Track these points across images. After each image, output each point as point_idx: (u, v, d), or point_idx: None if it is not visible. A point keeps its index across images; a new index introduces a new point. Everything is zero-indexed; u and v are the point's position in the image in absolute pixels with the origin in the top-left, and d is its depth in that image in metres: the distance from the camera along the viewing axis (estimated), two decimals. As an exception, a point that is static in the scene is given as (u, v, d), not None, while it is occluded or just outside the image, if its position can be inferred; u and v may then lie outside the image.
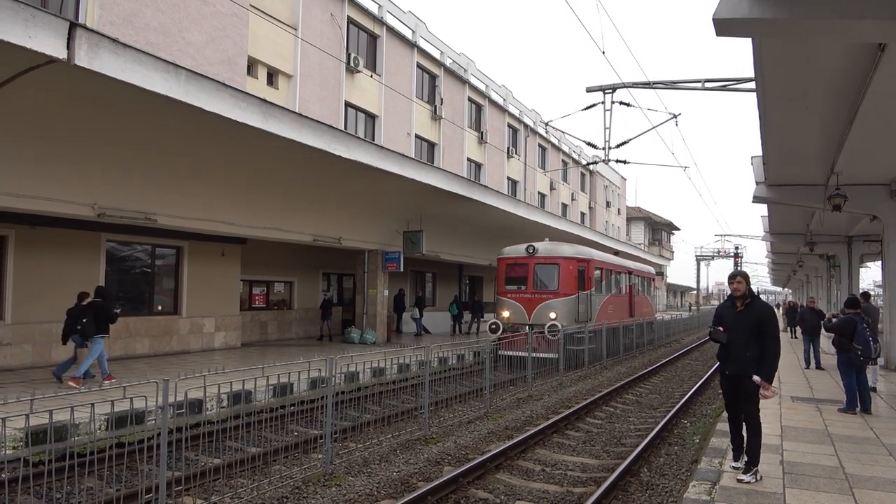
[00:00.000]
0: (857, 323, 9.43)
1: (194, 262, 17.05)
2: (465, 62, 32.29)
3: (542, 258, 18.69)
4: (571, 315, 18.26)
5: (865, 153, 12.34)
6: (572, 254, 19.04)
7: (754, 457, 6.06)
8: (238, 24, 18.30)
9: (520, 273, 18.82)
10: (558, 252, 18.91)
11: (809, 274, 43.56)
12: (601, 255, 21.54)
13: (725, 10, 6.43)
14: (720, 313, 6.41)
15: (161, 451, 5.87)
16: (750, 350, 6.02)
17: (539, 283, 18.61)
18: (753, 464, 6.04)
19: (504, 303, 18.88)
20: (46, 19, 7.54)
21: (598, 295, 20.27)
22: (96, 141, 11.06)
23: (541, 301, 18.22)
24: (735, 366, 6.15)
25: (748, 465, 6.06)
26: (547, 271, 18.65)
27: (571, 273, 18.58)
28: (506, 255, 19.44)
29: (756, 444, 6.08)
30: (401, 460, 8.29)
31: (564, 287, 18.39)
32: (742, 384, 6.08)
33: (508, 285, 18.98)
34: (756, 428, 6.08)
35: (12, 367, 12.86)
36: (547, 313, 17.84)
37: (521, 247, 18.92)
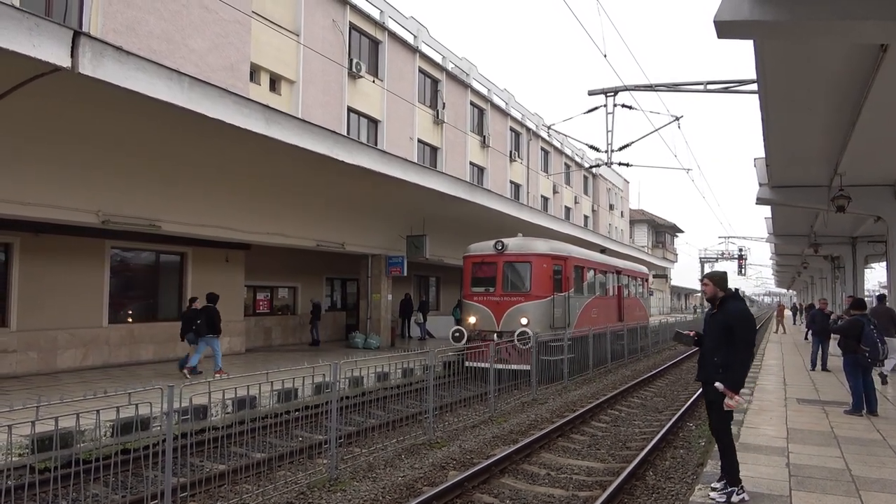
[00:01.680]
0: (865, 324, 9.32)
1: (198, 268, 17.09)
2: (467, 66, 32.35)
3: (512, 255, 16.56)
4: (546, 320, 16.13)
5: (869, 154, 12.31)
6: (547, 250, 16.86)
7: (727, 474, 5.54)
8: (240, 31, 18.37)
9: (487, 273, 16.74)
10: (530, 248, 16.75)
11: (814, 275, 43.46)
12: (583, 252, 19.52)
13: (727, 12, 6.44)
14: (704, 317, 6.17)
15: (166, 457, 5.87)
16: (718, 355, 5.59)
17: (509, 283, 16.55)
18: (730, 483, 5.50)
19: (470, 307, 16.83)
20: (50, 28, 7.59)
21: (578, 297, 18.16)
22: (100, 148, 11.11)
23: (511, 304, 16.14)
24: (703, 371, 5.82)
25: (724, 484, 5.55)
26: (518, 270, 16.62)
27: (546, 272, 16.42)
28: (472, 252, 17.36)
29: (727, 461, 5.55)
30: (406, 465, 8.28)
31: (538, 288, 16.25)
32: (707, 391, 5.74)
33: (475, 287, 16.92)
34: (723, 442, 5.59)
35: (18, 375, 12.89)
36: (518, 318, 15.85)
37: (490, 243, 16.88)
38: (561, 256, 17.20)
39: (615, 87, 16.23)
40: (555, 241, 18.63)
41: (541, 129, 40.78)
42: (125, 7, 15.13)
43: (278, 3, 20.27)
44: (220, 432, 8.00)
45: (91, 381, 12.31)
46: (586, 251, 20.16)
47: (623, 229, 59.90)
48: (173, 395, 5.88)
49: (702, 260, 72.18)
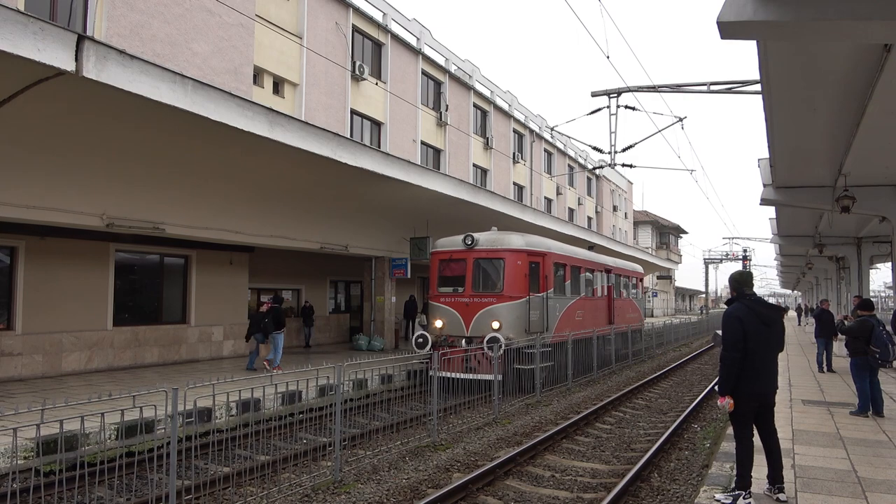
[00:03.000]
0: (874, 325, 9.27)
1: (202, 270, 17.12)
2: (470, 68, 32.37)
3: (483, 251, 14.88)
4: (520, 324, 14.43)
5: (873, 154, 12.28)
6: (522, 245, 15.06)
7: (737, 477, 5.52)
8: (244, 34, 18.42)
9: (456, 271, 15.06)
10: (504, 243, 15.00)
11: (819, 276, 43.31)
12: (565, 248, 17.73)
13: (730, 12, 6.42)
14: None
15: (171, 460, 5.88)
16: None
17: (480, 283, 14.88)
18: (738, 486, 5.45)
19: (436, 309, 15.11)
20: (55, 32, 7.61)
21: (559, 298, 16.37)
22: (104, 152, 11.14)
23: (481, 306, 14.44)
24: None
25: (734, 486, 5.52)
26: (489, 268, 14.98)
27: (520, 270, 14.73)
28: (440, 248, 15.71)
29: (737, 463, 5.51)
30: (410, 467, 8.28)
31: (511, 288, 14.56)
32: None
33: (443, 287, 15.24)
34: (736, 444, 5.57)
35: (23, 378, 12.93)
36: (488, 322, 14.10)
37: (459, 238, 15.27)
38: (538, 252, 15.49)
39: (618, 88, 16.21)
40: (532, 235, 16.76)
41: (544, 131, 40.77)
42: (129, 11, 15.19)
43: (281, 6, 20.32)
44: (225, 435, 8.02)
45: (96, 383, 12.34)
46: (570, 247, 18.60)
47: (627, 230, 59.82)
48: (177, 398, 5.88)
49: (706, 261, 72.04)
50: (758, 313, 5.53)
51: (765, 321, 5.51)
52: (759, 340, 5.43)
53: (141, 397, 6.01)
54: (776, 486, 5.50)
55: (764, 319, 5.52)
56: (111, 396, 5.77)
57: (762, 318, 5.51)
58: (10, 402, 9.65)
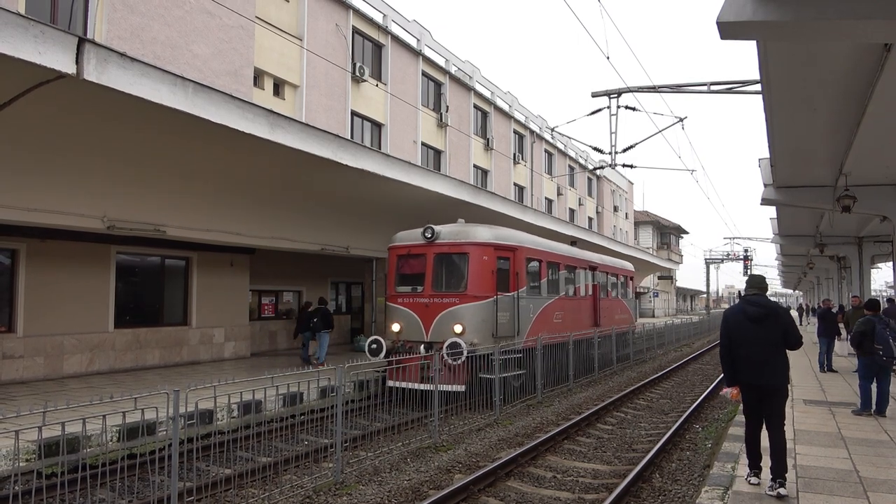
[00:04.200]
0: (876, 323, 9.49)
1: (203, 272, 17.14)
2: (471, 69, 32.39)
3: (444, 245, 13.36)
4: (486, 327, 12.91)
5: (874, 154, 12.28)
6: (489, 238, 13.52)
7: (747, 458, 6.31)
8: (244, 36, 18.44)
9: (415, 268, 13.57)
10: (468, 236, 13.43)
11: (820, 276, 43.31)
12: (540, 242, 15.98)
13: (730, 13, 6.43)
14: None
15: (172, 462, 5.88)
16: None
17: (441, 281, 13.36)
18: (749, 466, 6.25)
19: (393, 311, 13.59)
20: (55, 35, 7.62)
21: (533, 297, 14.76)
22: (105, 154, 11.15)
23: (442, 308, 12.93)
24: None
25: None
26: (451, 264, 13.41)
27: (487, 266, 13.15)
28: (398, 242, 14.15)
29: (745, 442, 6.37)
30: (411, 468, 8.28)
31: (476, 286, 12.99)
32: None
33: (401, 286, 13.76)
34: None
35: (25, 380, 12.94)
36: (450, 326, 12.69)
37: (419, 231, 13.74)
38: (508, 246, 13.88)
39: (618, 88, 16.22)
40: (502, 227, 15.26)
41: (544, 132, 40.77)
42: (129, 13, 15.21)
43: (281, 8, 20.33)
44: (226, 437, 8.03)
45: (97, 386, 12.36)
46: (547, 241, 16.88)
47: (628, 231, 59.81)
48: (179, 400, 5.89)
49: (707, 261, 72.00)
50: (745, 312, 6.07)
51: (752, 318, 6.00)
52: (744, 336, 6.01)
53: (142, 399, 6.01)
54: (776, 481, 5.72)
55: (750, 317, 6.01)
56: (113, 398, 5.78)
57: (749, 316, 6.02)
58: (11, 405, 9.66)
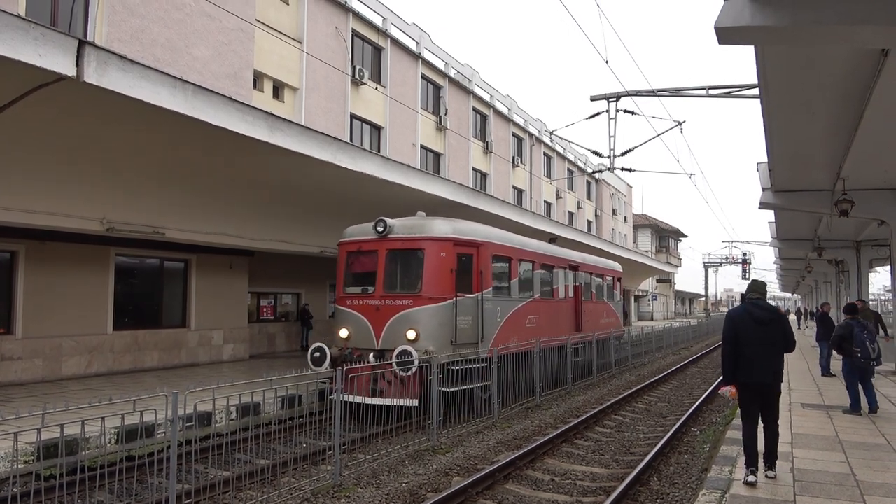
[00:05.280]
0: (854, 327, 9.95)
1: (202, 274, 17.14)
2: (470, 72, 32.45)
3: (398, 240, 11.99)
4: (443, 333, 11.50)
5: (871, 158, 12.30)
6: (448, 233, 12.09)
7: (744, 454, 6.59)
8: (244, 39, 18.47)
9: (366, 266, 12.17)
10: (424, 230, 12.01)
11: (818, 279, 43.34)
12: (510, 238, 14.42)
13: (727, 18, 6.44)
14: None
15: (171, 464, 5.89)
16: None
17: (393, 281, 11.95)
18: (746, 462, 6.52)
19: (342, 315, 12.17)
20: (56, 38, 7.65)
21: (500, 299, 13.26)
22: (105, 156, 11.17)
23: (395, 311, 11.51)
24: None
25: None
26: (406, 262, 12.00)
27: (445, 264, 11.75)
28: (348, 237, 12.76)
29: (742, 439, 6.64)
30: (410, 471, 8.28)
31: (432, 287, 11.58)
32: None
33: (350, 286, 12.32)
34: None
35: (24, 382, 12.94)
36: (402, 331, 11.28)
37: (371, 224, 12.33)
38: (470, 241, 12.41)
39: (617, 92, 16.26)
40: (464, 220, 13.57)
41: (543, 135, 40.83)
42: (129, 16, 15.24)
43: (281, 10, 20.37)
44: (225, 439, 8.03)
45: (96, 388, 12.35)
46: (520, 237, 15.32)
47: (627, 234, 59.86)
48: (178, 402, 5.90)
49: (706, 265, 72.12)
50: (751, 314, 6.37)
51: (758, 321, 6.31)
52: (749, 337, 6.27)
53: (141, 401, 6.02)
54: (766, 465, 6.37)
55: (756, 319, 6.32)
56: (111, 401, 5.79)
57: (755, 318, 6.32)
58: (10, 407, 9.66)
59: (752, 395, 6.35)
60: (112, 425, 7.28)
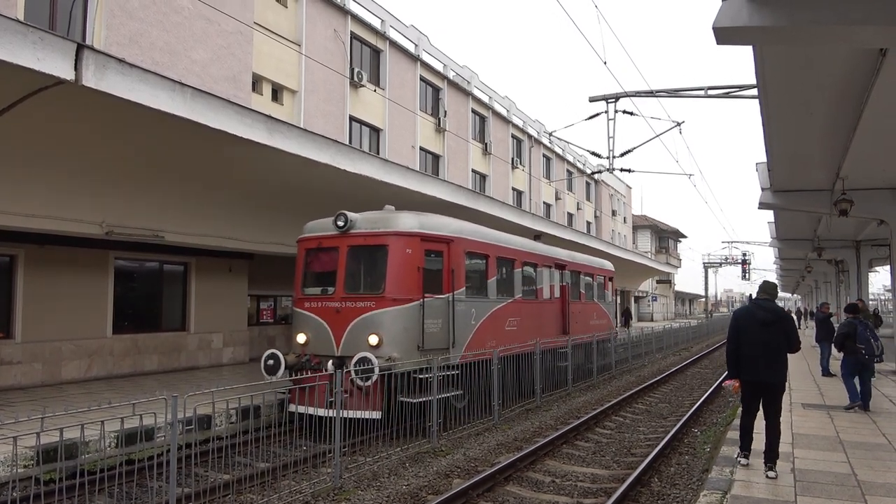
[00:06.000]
0: (857, 325, 10.41)
1: (202, 278, 17.13)
2: (469, 74, 32.47)
3: (360, 236, 10.98)
4: (409, 337, 10.54)
5: (871, 157, 12.31)
6: (414, 227, 11.05)
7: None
8: (242, 42, 18.48)
9: (326, 264, 11.26)
10: (389, 225, 11.00)
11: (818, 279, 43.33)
12: (486, 234, 13.30)
13: (725, 18, 6.45)
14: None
15: (171, 468, 5.88)
16: None
17: (355, 280, 11.02)
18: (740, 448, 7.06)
19: (300, 318, 11.20)
20: (54, 41, 7.65)
21: (476, 301, 12.20)
22: (104, 160, 11.16)
23: (356, 314, 10.51)
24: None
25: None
26: (368, 259, 11.04)
27: (411, 261, 10.77)
28: (307, 233, 11.80)
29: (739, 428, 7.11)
30: (410, 473, 8.27)
31: (396, 287, 10.58)
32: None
33: (309, 287, 11.41)
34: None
35: (23, 386, 12.92)
36: (364, 336, 10.31)
37: (331, 219, 11.33)
38: (440, 237, 11.37)
39: (616, 93, 16.26)
40: (434, 215, 12.41)
41: (542, 136, 40.84)
42: (128, 19, 15.24)
43: (280, 13, 20.39)
44: (225, 442, 8.02)
45: (95, 391, 12.34)
46: (498, 233, 14.17)
47: (626, 235, 59.88)
48: (177, 406, 5.89)
49: (705, 265, 72.11)
50: (755, 314, 6.68)
51: (761, 321, 6.59)
52: (752, 336, 6.59)
53: (141, 405, 6.02)
54: (767, 465, 6.48)
55: (760, 320, 6.60)
56: (111, 404, 5.79)
57: (758, 319, 6.62)
58: (9, 411, 9.64)
59: (753, 392, 6.74)
60: (112, 429, 7.27)
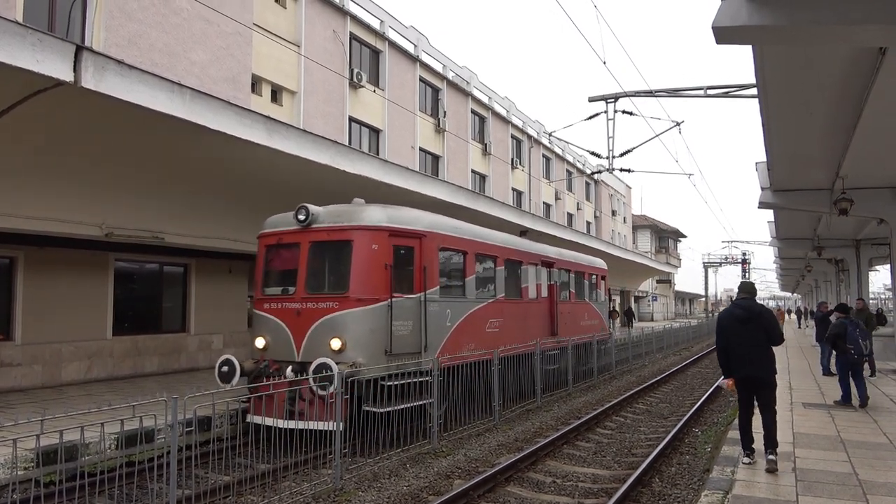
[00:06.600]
0: (847, 325, 10.54)
1: (202, 279, 17.12)
2: (468, 75, 32.47)
3: (323, 231, 10.14)
4: (375, 340, 9.67)
5: (870, 156, 12.31)
6: (381, 221, 10.19)
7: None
8: (242, 43, 18.47)
9: (287, 262, 10.40)
10: (353, 219, 10.14)
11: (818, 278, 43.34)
12: (463, 228, 12.30)
13: (725, 17, 6.45)
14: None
15: (171, 469, 5.88)
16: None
17: (318, 279, 10.18)
18: (742, 446, 7.23)
19: (259, 321, 10.33)
20: (53, 43, 7.64)
21: (451, 300, 11.31)
22: (103, 161, 11.16)
23: (318, 315, 9.63)
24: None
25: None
26: (331, 256, 10.20)
27: (377, 258, 9.87)
28: (268, 229, 10.90)
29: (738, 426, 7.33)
30: (411, 474, 8.26)
31: (361, 286, 9.69)
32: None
33: (269, 287, 10.64)
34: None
35: (23, 388, 12.91)
36: (326, 340, 9.43)
37: (293, 213, 10.40)
38: (411, 232, 10.50)
39: (615, 93, 16.26)
40: (405, 207, 11.56)
41: (542, 136, 40.84)
42: (127, 21, 15.24)
43: (279, 14, 20.39)
44: (225, 444, 8.00)
45: (95, 393, 12.32)
46: (477, 228, 13.19)
47: (626, 235, 59.88)
48: (177, 407, 5.88)
49: (705, 265, 72.12)
50: (734, 314, 7.02)
51: (739, 319, 6.94)
52: (734, 335, 6.92)
53: (141, 407, 6.01)
54: (768, 451, 6.75)
55: (738, 318, 6.95)
56: (111, 406, 5.78)
57: (736, 317, 6.97)
58: (9, 413, 9.63)
59: (745, 388, 7.02)
60: (112, 431, 7.25)
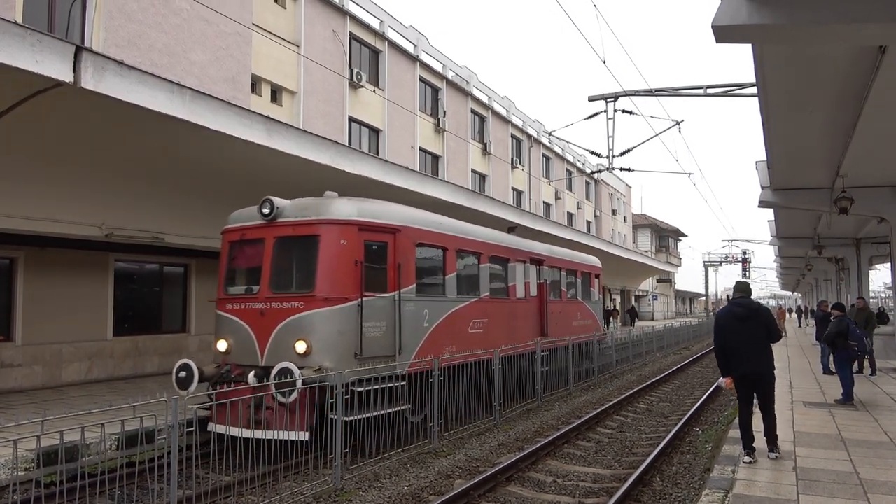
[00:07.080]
0: (849, 323, 10.72)
1: (202, 279, 17.11)
2: (468, 74, 32.47)
3: (288, 225, 9.44)
4: (344, 343, 8.97)
5: (870, 155, 12.32)
6: (351, 215, 9.46)
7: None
8: (241, 43, 18.47)
9: (251, 259, 9.74)
10: (320, 212, 9.43)
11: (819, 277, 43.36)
12: (442, 223, 11.58)
13: (724, 16, 6.44)
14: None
15: (171, 470, 5.87)
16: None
17: (284, 277, 9.53)
18: (743, 445, 7.23)
19: (222, 322, 9.75)
20: (53, 44, 7.64)
21: (429, 300, 10.65)
22: (103, 161, 11.16)
23: (283, 316, 8.96)
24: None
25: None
26: (297, 253, 9.55)
27: (347, 255, 9.15)
28: (232, 224, 10.21)
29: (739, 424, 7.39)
30: (411, 474, 8.26)
31: (328, 284, 9.01)
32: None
33: (232, 286, 10.03)
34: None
35: (24, 389, 12.91)
36: (291, 343, 8.78)
37: (256, 208, 9.71)
38: (384, 226, 9.76)
39: (615, 92, 16.25)
40: (378, 200, 10.78)
41: (542, 136, 40.84)
42: (127, 21, 15.24)
43: (279, 14, 20.39)
44: (226, 444, 8.00)
45: (96, 394, 12.33)
46: (459, 223, 12.42)
47: (626, 234, 59.88)
48: (178, 407, 5.88)
49: (706, 264, 72.07)
50: (733, 312, 7.12)
51: (738, 318, 7.03)
52: (733, 333, 7.02)
53: (141, 407, 6.00)
54: (769, 447, 7.00)
55: (737, 316, 7.05)
56: (111, 406, 5.77)
57: (736, 316, 7.06)
58: (10, 414, 9.63)
59: (745, 385, 7.12)
60: (112, 431, 7.26)
